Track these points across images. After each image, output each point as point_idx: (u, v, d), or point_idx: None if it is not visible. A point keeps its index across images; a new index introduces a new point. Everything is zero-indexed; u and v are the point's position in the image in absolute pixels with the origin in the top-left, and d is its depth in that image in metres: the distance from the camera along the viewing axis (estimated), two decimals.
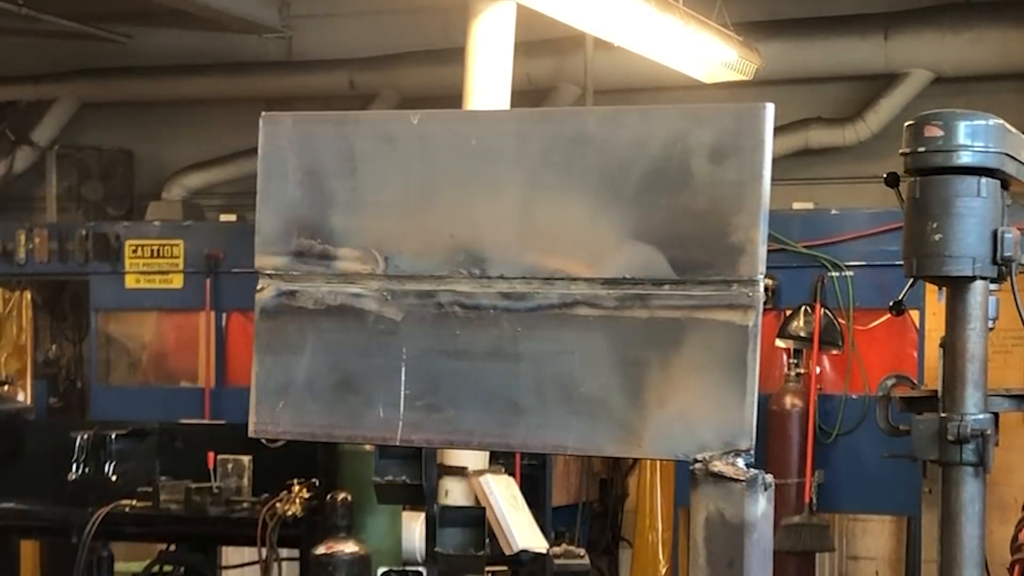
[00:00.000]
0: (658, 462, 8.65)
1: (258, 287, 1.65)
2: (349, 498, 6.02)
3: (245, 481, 6.72)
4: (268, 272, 1.61)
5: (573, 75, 10.19)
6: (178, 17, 10.85)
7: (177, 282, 10.32)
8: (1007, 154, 3.70)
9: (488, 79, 6.71)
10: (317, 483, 6.37)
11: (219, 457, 6.76)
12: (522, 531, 6.41)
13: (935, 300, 3.94)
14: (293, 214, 1.58)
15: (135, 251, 10.45)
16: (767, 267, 1.38)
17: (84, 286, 10.72)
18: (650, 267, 1.41)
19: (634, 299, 1.38)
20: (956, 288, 3.74)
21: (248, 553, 7.14)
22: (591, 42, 9.40)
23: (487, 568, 5.93)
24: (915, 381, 4.28)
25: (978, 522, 3.74)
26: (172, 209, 11.33)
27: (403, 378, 1.79)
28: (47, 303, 11.44)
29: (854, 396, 8.70)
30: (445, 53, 9.65)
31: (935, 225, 3.64)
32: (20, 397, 10.43)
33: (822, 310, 8.60)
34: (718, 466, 1.36)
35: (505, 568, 6.23)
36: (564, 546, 6.51)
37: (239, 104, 10.98)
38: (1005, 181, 3.75)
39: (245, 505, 6.65)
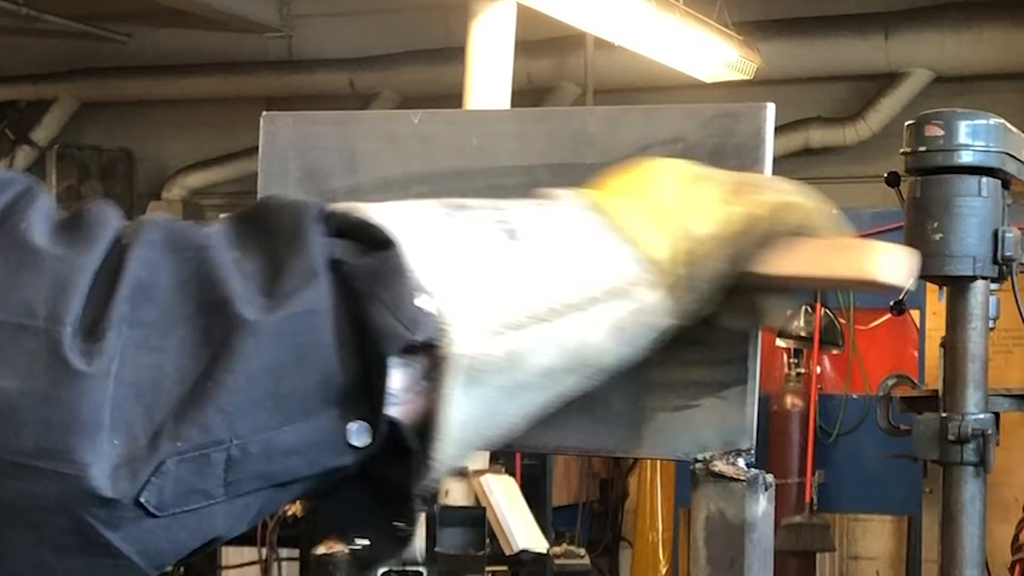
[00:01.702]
0: (658, 462, 8.65)
1: None
2: None
3: None
4: None
5: (573, 74, 10.19)
6: (178, 17, 10.85)
7: None
8: (1008, 153, 3.70)
9: (488, 79, 6.70)
10: None
11: None
12: (522, 531, 6.40)
13: (935, 300, 3.94)
14: None
15: None
16: None
17: None
18: None
19: None
20: (957, 288, 3.74)
21: (248, 553, 7.14)
22: (591, 42, 9.40)
23: (487, 568, 5.93)
24: (916, 381, 4.28)
25: (979, 522, 3.74)
26: (172, 209, 11.33)
27: None
28: None
29: (855, 396, 8.69)
30: (445, 53, 9.65)
31: (936, 225, 3.63)
32: None
33: (822, 310, 8.60)
34: (719, 466, 1.35)
35: (505, 568, 6.23)
36: (564, 546, 6.51)
37: (239, 104, 10.98)
38: (1006, 181, 3.75)
39: None
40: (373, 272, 0.95)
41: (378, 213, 1.00)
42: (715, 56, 8.17)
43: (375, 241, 0.97)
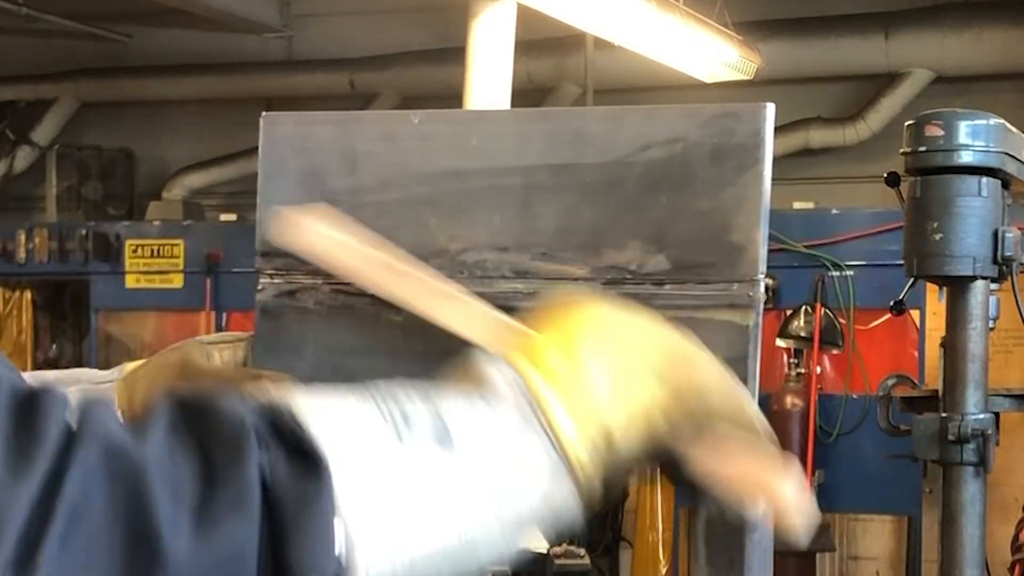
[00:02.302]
0: None
1: (258, 287, 1.65)
2: None
3: None
4: (268, 272, 1.60)
5: (573, 75, 10.19)
6: (178, 17, 10.86)
7: (177, 282, 10.32)
8: (1008, 154, 3.70)
9: (488, 79, 6.70)
10: None
11: None
12: None
13: (935, 300, 3.94)
14: None
15: (135, 251, 10.44)
16: (768, 267, 1.38)
17: (84, 286, 10.72)
18: (651, 267, 1.41)
19: (635, 299, 1.37)
20: (956, 288, 3.73)
21: None
22: (591, 42, 9.40)
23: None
24: (916, 381, 4.28)
25: (979, 522, 3.73)
26: (172, 209, 11.33)
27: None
28: (47, 303, 11.44)
29: (855, 396, 8.69)
30: (445, 53, 9.65)
31: (935, 225, 3.63)
32: None
33: (822, 310, 8.60)
34: None
35: (505, 568, 6.22)
36: (564, 546, 6.51)
37: (239, 104, 10.97)
38: (1006, 181, 3.75)
39: None
40: (300, 505, 0.97)
41: (315, 418, 1.01)
42: (715, 56, 8.17)
43: (308, 461, 0.99)
